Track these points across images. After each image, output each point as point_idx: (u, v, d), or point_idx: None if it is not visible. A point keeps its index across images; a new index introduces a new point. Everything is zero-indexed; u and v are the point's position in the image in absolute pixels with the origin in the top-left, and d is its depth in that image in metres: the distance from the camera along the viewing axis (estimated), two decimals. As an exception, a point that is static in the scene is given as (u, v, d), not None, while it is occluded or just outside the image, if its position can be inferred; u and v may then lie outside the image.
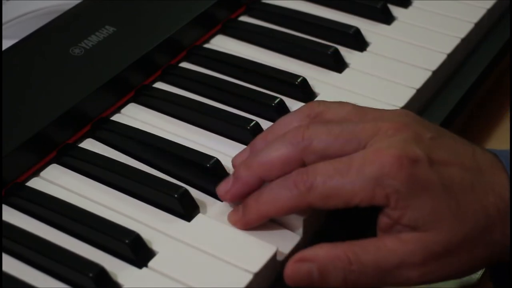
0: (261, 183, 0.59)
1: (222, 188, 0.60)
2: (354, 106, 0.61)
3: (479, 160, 0.57)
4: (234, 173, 0.60)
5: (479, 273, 0.65)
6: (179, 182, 0.63)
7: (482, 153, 0.58)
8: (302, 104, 0.71)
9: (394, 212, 0.55)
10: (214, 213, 0.61)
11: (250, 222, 0.59)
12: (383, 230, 0.56)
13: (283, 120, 0.62)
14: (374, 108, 0.61)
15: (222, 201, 0.62)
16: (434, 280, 0.56)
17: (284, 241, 0.59)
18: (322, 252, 0.56)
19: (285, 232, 0.59)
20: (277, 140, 0.59)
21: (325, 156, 0.57)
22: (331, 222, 0.63)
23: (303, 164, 0.58)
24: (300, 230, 0.60)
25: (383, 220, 0.56)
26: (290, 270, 0.56)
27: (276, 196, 0.57)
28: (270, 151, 0.59)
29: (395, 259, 0.55)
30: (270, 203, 0.58)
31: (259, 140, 0.62)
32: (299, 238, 0.59)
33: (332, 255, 0.55)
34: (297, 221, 0.59)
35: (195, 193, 0.62)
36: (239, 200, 0.60)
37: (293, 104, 0.70)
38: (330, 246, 0.56)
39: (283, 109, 0.69)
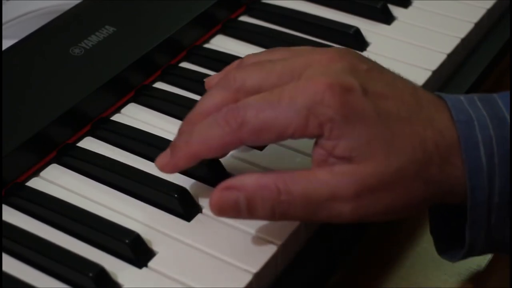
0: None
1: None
2: (287, 48, 0.60)
3: (419, 97, 0.56)
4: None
5: (485, 261, 0.65)
6: (179, 180, 0.63)
7: (423, 91, 0.57)
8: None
9: (328, 142, 0.54)
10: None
11: (179, 165, 0.57)
12: (317, 163, 0.55)
13: (204, 97, 0.60)
14: (310, 47, 0.60)
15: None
16: (367, 216, 0.54)
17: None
18: (251, 181, 0.54)
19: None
20: (211, 89, 0.58)
21: (259, 91, 0.56)
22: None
23: None
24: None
25: (317, 151, 0.54)
26: (216, 198, 0.55)
27: (206, 135, 0.56)
28: (204, 100, 0.58)
29: (325, 191, 0.53)
30: (200, 142, 0.56)
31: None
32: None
33: (260, 184, 0.54)
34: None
35: (195, 193, 0.62)
36: (179, 171, 0.60)
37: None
38: (259, 175, 0.55)
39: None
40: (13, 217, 0.61)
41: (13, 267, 0.57)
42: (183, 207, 0.60)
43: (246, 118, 0.55)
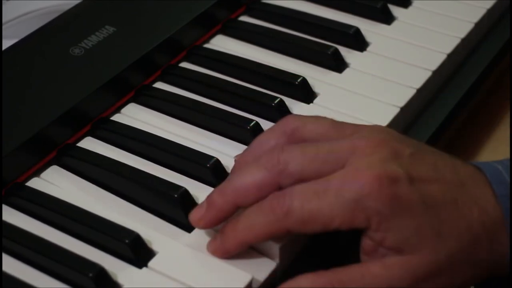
0: (235, 209, 0.57)
1: (196, 214, 0.58)
2: (331, 121, 0.59)
3: (460, 174, 0.56)
4: (207, 199, 0.58)
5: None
6: (179, 180, 0.63)
7: (462, 166, 0.57)
8: (302, 104, 0.71)
9: (376, 234, 0.54)
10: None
11: (229, 250, 0.57)
12: (367, 254, 0.55)
13: (259, 139, 0.60)
14: (352, 124, 0.60)
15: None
16: None
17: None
18: (307, 283, 0.54)
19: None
20: (252, 164, 0.57)
21: (301, 179, 0.55)
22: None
23: (279, 188, 0.56)
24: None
25: (366, 242, 0.55)
26: None
27: (252, 222, 0.55)
28: (244, 176, 0.57)
29: (381, 285, 0.53)
30: (247, 230, 0.56)
31: (238, 163, 0.60)
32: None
33: (317, 286, 0.54)
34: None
35: (194, 192, 0.62)
36: (212, 227, 0.59)
37: (293, 104, 0.70)
38: (315, 276, 0.54)
39: (283, 109, 0.69)
40: (13, 217, 0.61)
41: (13, 267, 0.57)
42: (183, 207, 0.60)
43: (292, 208, 0.54)
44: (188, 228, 0.60)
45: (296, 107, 0.70)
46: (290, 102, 0.70)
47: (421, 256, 0.53)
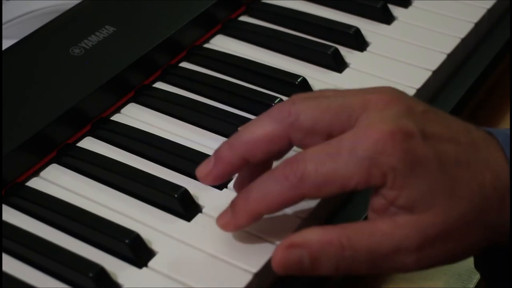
0: (244, 164, 0.56)
1: (203, 169, 0.57)
2: (337, 90, 0.58)
3: (473, 136, 0.55)
4: (215, 153, 0.57)
5: (474, 282, 0.65)
6: (179, 180, 0.63)
7: (475, 129, 0.56)
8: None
9: (390, 192, 0.52)
10: (214, 213, 0.61)
11: (241, 223, 0.56)
12: (377, 212, 0.53)
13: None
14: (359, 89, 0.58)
15: (221, 190, 0.62)
16: (430, 265, 0.54)
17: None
18: (314, 237, 0.53)
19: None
20: (262, 116, 0.56)
21: (313, 132, 0.54)
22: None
23: (290, 142, 0.55)
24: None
25: (377, 201, 0.53)
26: (279, 257, 0.53)
27: (266, 191, 0.54)
28: (254, 128, 0.55)
29: (390, 244, 0.52)
30: (260, 200, 0.54)
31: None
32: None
33: (324, 240, 0.52)
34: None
35: (195, 193, 0.62)
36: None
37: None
38: (322, 231, 0.53)
39: (283, 109, 0.69)
40: (13, 217, 0.61)
41: (13, 267, 0.57)
42: (184, 207, 0.60)
43: (306, 172, 0.53)
44: (188, 228, 0.60)
45: None
46: (290, 102, 0.70)
47: (432, 215, 0.52)
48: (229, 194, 0.62)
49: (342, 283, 0.63)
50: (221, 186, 0.63)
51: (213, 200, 0.62)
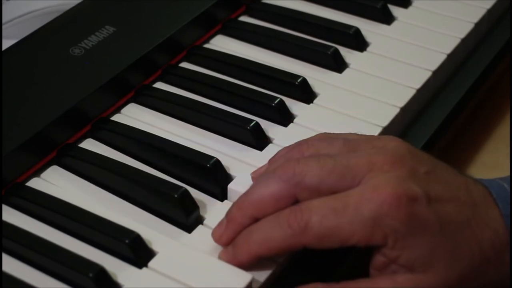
0: (254, 221, 0.57)
1: (217, 232, 0.58)
2: (344, 140, 0.59)
3: (472, 194, 0.56)
4: (226, 215, 0.58)
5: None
6: (179, 182, 0.63)
7: (474, 184, 0.57)
8: (302, 104, 0.71)
9: (391, 252, 0.54)
10: (213, 213, 0.61)
11: (241, 263, 0.56)
12: (378, 269, 0.55)
13: (275, 157, 0.60)
14: (364, 138, 0.59)
15: (222, 202, 0.62)
16: None
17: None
18: None
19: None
20: (268, 176, 0.57)
21: (318, 192, 0.55)
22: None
23: (296, 200, 0.56)
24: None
25: (378, 259, 0.55)
26: None
27: (267, 235, 0.55)
28: (260, 188, 0.56)
29: None
30: (261, 243, 0.55)
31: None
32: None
33: None
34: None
35: (195, 193, 0.62)
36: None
37: (293, 104, 0.70)
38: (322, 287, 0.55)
39: (283, 109, 0.69)
40: (13, 217, 0.61)
41: (13, 267, 0.57)
42: (183, 207, 0.60)
43: (310, 223, 0.54)
44: (188, 228, 0.60)
45: (296, 107, 0.70)
46: (290, 102, 0.70)
47: (432, 275, 0.54)
48: (229, 205, 0.62)
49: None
50: (222, 197, 0.63)
51: (213, 201, 0.62)
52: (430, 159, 0.58)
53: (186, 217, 0.60)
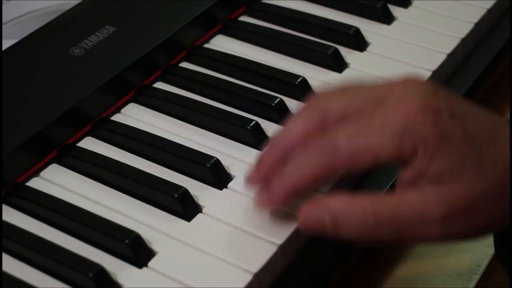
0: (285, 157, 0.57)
1: (252, 177, 0.59)
2: (356, 87, 0.59)
3: (493, 118, 0.56)
4: (259, 158, 0.59)
5: (481, 270, 0.65)
6: (179, 180, 0.63)
7: (495, 114, 0.57)
8: (302, 104, 0.71)
9: (420, 164, 0.53)
10: (214, 212, 0.61)
11: (277, 199, 0.57)
12: (405, 186, 0.55)
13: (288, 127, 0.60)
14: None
15: (221, 190, 0.62)
16: (456, 237, 0.55)
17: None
18: (338, 200, 0.54)
19: (285, 229, 0.58)
20: (294, 117, 0.58)
21: (344, 116, 0.56)
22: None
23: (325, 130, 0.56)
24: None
25: (406, 174, 0.54)
26: (304, 213, 0.55)
27: (300, 165, 0.55)
28: (289, 128, 0.57)
29: (415, 213, 0.53)
30: (295, 174, 0.56)
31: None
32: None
33: (348, 205, 0.54)
34: None
35: (195, 192, 0.62)
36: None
37: (293, 104, 0.70)
38: (348, 196, 0.55)
39: (283, 109, 0.69)
40: (13, 217, 0.61)
41: (13, 267, 0.57)
42: (184, 207, 0.60)
43: (339, 144, 0.54)
44: (188, 228, 0.60)
45: (296, 107, 0.70)
46: (290, 102, 0.70)
47: (459, 187, 0.53)
48: (229, 194, 0.62)
49: (342, 282, 0.63)
50: (221, 186, 0.63)
51: (213, 200, 0.62)
52: (452, 92, 0.58)
53: (186, 217, 0.60)
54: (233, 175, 0.64)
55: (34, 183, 0.63)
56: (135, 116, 0.70)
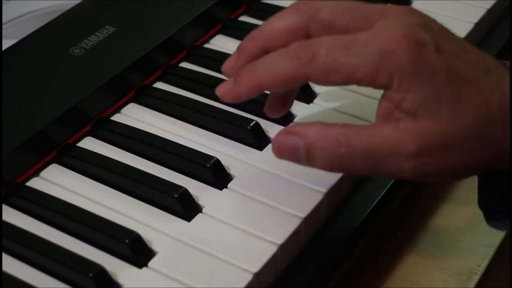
0: (264, 54, 0.57)
1: (227, 65, 0.58)
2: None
3: (486, 61, 0.56)
4: (238, 47, 0.58)
5: (481, 270, 0.65)
6: (179, 180, 0.63)
7: (489, 56, 0.57)
8: (302, 103, 0.71)
9: (396, 95, 0.53)
10: (214, 212, 0.61)
11: (241, 93, 0.57)
12: (382, 118, 0.55)
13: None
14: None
15: (221, 190, 0.62)
16: (428, 175, 0.54)
17: (281, 231, 0.58)
18: (313, 130, 0.54)
19: (285, 229, 0.58)
20: (284, 10, 0.58)
21: (331, 28, 0.56)
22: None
23: (308, 36, 0.57)
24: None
25: (383, 105, 0.54)
26: (277, 141, 0.56)
27: (273, 65, 0.55)
28: (275, 19, 0.57)
29: (387, 146, 0.53)
30: (266, 72, 0.55)
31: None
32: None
33: (322, 135, 0.54)
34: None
35: (195, 192, 0.62)
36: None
37: (293, 104, 0.70)
38: (322, 126, 0.55)
39: (283, 109, 0.69)
40: (13, 217, 0.61)
41: (13, 267, 0.57)
42: (183, 207, 0.60)
43: (317, 53, 0.54)
44: (188, 228, 0.60)
45: (296, 107, 0.70)
46: (290, 102, 0.70)
47: (434, 123, 0.53)
48: (229, 194, 0.62)
49: (342, 282, 0.63)
50: (221, 186, 0.63)
51: (213, 200, 0.62)
52: (447, 28, 0.58)
53: (186, 217, 0.60)
54: (233, 175, 0.64)
55: (34, 183, 0.63)
56: (135, 116, 0.70)
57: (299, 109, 0.70)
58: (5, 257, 0.58)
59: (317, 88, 0.72)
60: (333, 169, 0.55)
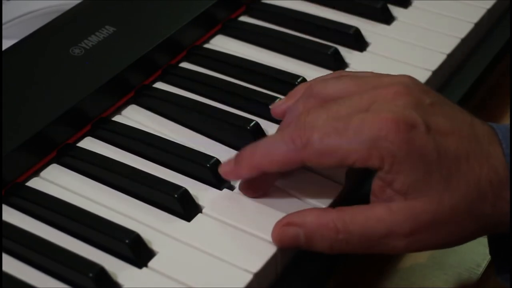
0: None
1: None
2: (351, 76, 0.61)
3: (476, 130, 0.57)
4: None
5: (481, 270, 0.65)
6: (179, 180, 0.63)
7: (480, 123, 0.58)
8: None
9: (387, 176, 0.55)
10: (214, 212, 0.61)
11: (241, 174, 0.60)
12: (376, 195, 0.56)
13: (291, 108, 0.62)
14: (373, 75, 0.61)
15: (221, 190, 0.62)
16: (421, 249, 0.57)
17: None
18: (311, 218, 0.57)
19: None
20: (277, 134, 0.60)
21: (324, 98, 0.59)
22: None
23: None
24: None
25: (376, 183, 0.56)
26: (276, 232, 0.58)
27: (271, 149, 0.58)
28: (270, 148, 0.58)
29: (382, 229, 0.55)
30: (264, 156, 0.58)
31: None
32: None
33: (320, 223, 0.56)
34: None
35: (195, 192, 0.62)
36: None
37: (293, 104, 0.70)
38: (319, 213, 0.57)
39: (283, 109, 0.69)
40: (13, 217, 0.61)
41: (13, 267, 0.57)
42: (183, 207, 0.60)
43: (311, 139, 0.56)
44: (188, 228, 0.60)
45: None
46: (290, 102, 0.70)
47: (425, 202, 0.55)
48: (229, 194, 0.62)
49: (342, 282, 0.63)
50: (221, 186, 0.63)
51: (213, 200, 0.62)
52: (437, 95, 0.59)
53: (186, 217, 0.60)
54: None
55: (34, 183, 0.63)
56: (135, 116, 0.70)
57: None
58: (5, 257, 0.58)
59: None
60: (333, 252, 0.57)
